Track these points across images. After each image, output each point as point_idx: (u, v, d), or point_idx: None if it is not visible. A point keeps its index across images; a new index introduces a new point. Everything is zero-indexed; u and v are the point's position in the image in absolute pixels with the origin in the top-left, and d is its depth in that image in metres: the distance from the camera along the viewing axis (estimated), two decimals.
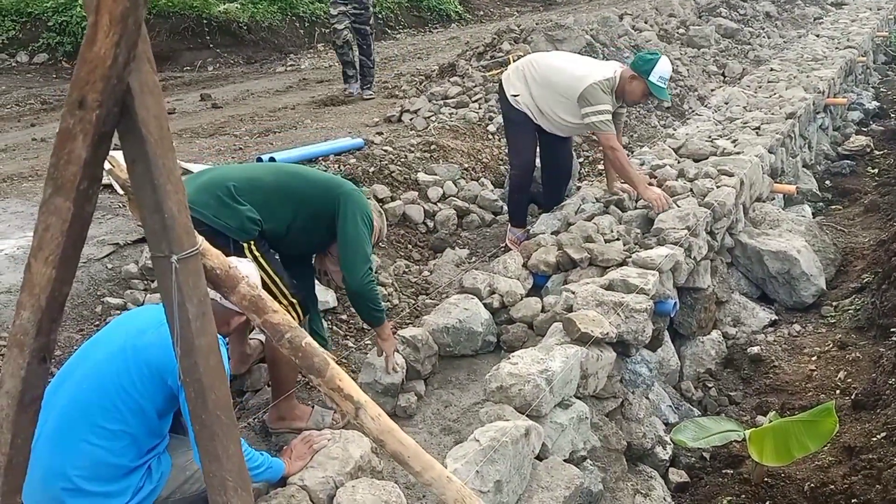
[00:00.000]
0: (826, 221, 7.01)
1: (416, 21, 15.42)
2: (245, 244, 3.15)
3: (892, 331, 4.71)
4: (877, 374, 4.39)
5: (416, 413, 3.69)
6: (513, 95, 5.09)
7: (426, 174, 6.06)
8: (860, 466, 3.65)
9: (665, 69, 4.87)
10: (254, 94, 9.53)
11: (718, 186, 5.31)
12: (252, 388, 3.73)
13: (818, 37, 12.14)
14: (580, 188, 5.87)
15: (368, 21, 8.56)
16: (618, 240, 4.69)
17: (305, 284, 3.69)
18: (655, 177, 5.60)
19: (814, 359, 4.87)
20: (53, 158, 1.37)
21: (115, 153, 1.65)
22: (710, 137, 6.76)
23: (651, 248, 4.49)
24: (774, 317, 5.49)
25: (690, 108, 8.65)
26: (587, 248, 4.52)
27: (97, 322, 3.81)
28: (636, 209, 5.16)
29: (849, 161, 8.95)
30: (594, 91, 4.80)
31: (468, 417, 3.61)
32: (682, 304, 4.83)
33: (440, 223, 5.71)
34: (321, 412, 3.47)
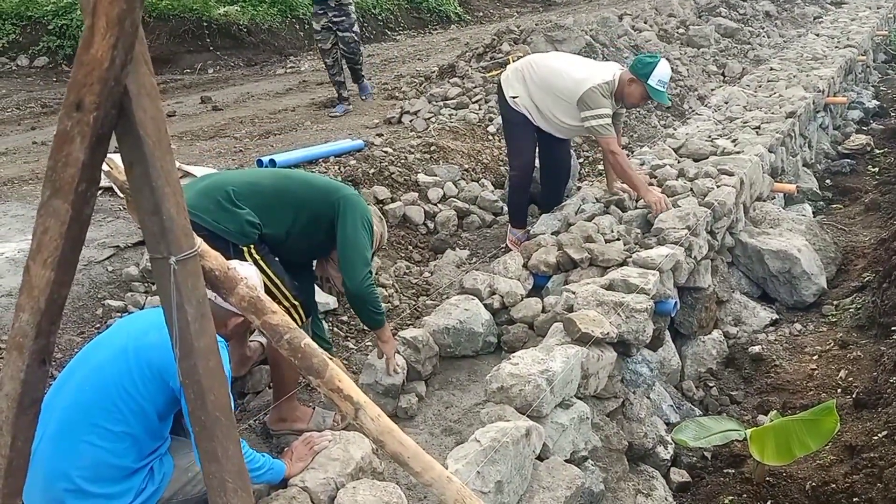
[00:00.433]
0: (826, 220, 7.01)
1: (416, 22, 15.43)
2: (245, 248, 3.16)
3: (894, 329, 4.71)
4: (878, 373, 4.39)
5: (417, 414, 3.69)
6: (512, 97, 5.09)
7: (426, 175, 6.06)
8: (861, 465, 3.64)
9: (664, 72, 4.86)
10: (254, 97, 9.54)
11: (719, 186, 5.31)
12: (253, 390, 3.73)
13: (818, 36, 12.13)
14: (580, 188, 5.87)
15: (352, 27, 7.91)
16: (618, 240, 4.69)
17: (305, 290, 3.69)
18: (655, 177, 5.60)
19: (815, 358, 4.86)
20: (51, 161, 1.37)
21: (114, 156, 1.66)
22: (710, 137, 6.76)
23: (651, 248, 4.48)
24: (775, 316, 5.48)
25: (690, 108, 8.65)
26: (587, 249, 4.52)
27: (98, 324, 3.81)
28: (636, 209, 5.16)
29: (849, 160, 8.95)
30: (593, 95, 4.80)
31: (469, 418, 3.61)
32: (683, 304, 4.82)
33: (440, 224, 5.72)
34: (322, 413, 3.47)
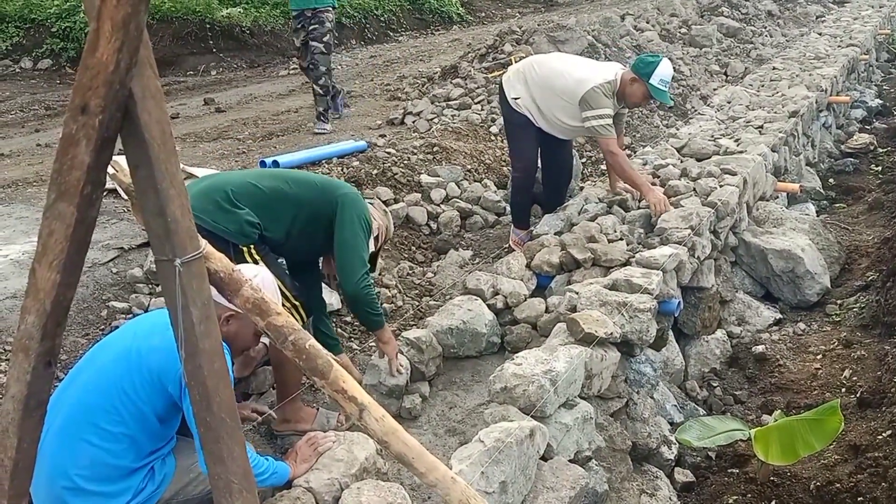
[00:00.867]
0: (830, 219, 7.00)
1: (418, 23, 15.44)
2: (245, 248, 3.17)
3: None
4: (882, 372, 4.38)
5: (421, 414, 3.70)
6: (513, 98, 5.09)
7: (429, 176, 6.07)
8: (866, 465, 3.64)
9: (666, 72, 4.85)
10: (257, 98, 9.56)
11: (722, 185, 5.31)
12: (257, 391, 3.74)
13: (820, 35, 12.13)
14: (583, 188, 5.86)
15: (322, 38, 7.36)
16: (621, 240, 4.69)
17: (313, 288, 3.70)
18: (658, 176, 5.60)
19: (819, 357, 4.85)
20: (57, 164, 1.38)
21: (119, 158, 1.67)
22: (713, 137, 6.75)
23: (654, 248, 4.48)
24: (779, 315, 5.48)
25: (693, 108, 8.65)
26: (590, 249, 4.52)
27: (103, 326, 3.82)
28: (639, 209, 5.15)
29: (852, 159, 8.94)
30: (595, 95, 4.80)
31: (473, 418, 3.61)
32: (686, 304, 4.82)
33: (443, 225, 5.72)
34: (326, 414, 3.47)
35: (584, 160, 7.11)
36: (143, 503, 2.50)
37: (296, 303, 3.28)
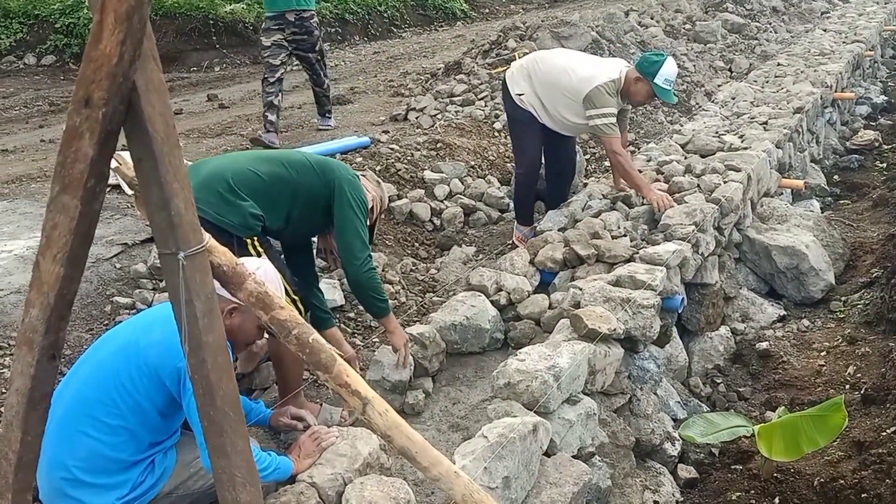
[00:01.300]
0: (834, 216, 6.98)
1: (422, 19, 15.41)
2: (248, 240, 3.18)
3: None
4: (886, 369, 4.38)
5: (424, 410, 3.70)
6: (517, 94, 5.08)
7: (432, 172, 6.06)
8: (870, 461, 3.64)
9: (671, 71, 4.84)
10: (260, 94, 9.52)
11: (726, 182, 5.29)
12: (260, 387, 3.74)
13: (825, 31, 12.07)
14: (586, 185, 5.85)
15: (314, 47, 6.91)
16: (625, 236, 4.68)
17: (308, 265, 3.74)
18: (662, 173, 5.59)
19: (823, 354, 4.85)
20: (60, 157, 1.38)
21: (122, 153, 1.66)
22: (717, 133, 6.74)
23: (658, 244, 4.48)
24: (783, 312, 5.47)
25: (697, 104, 8.63)
26: (594, 245, 4.51)
27: (106, 321, 3.83)
28: (643, 205, 5.15)
29: (857, 156, 8.91)
30: (599, 94, 4.78)
31: (476, 414, 3.61)
32: (690, 300, 4.81)
33: (447, 221, 5.72)
34: (329, 409, 3.48)
35: (588, 156, 7.09)
36: (142, 496, 2.51)
37: (295, 297, 3.29)
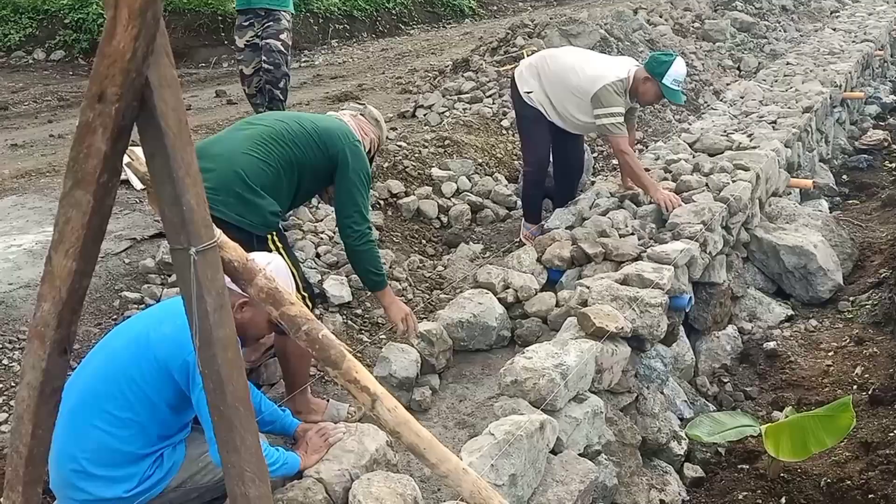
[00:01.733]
0: (843, 216, 6.95)
1: (430, 16, 15.40)
2: (268, 236, 3.22)
3: None
4: (894, 370, 4.36)
5: (431, 407, 3.70)
6: (526, 92, 5.08)
7: (440, 169, 6.06)
8: (877, 462, 3.62)
9: (679, 72, 4.82)
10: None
11: (734, 181, 5.28)
12: (268, 383, 3.75)
13: (835, 30, 12.02)
14: (594, 183, 5.85)
15: (278, 34, 6.11)
16: (632, 234, 4.67)
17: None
18: (670, 171, 5.58)
19: (830, 354, 4.83)
20: (73, 152, 1.38)
21: (134, 148, 1.67)
22: (726, 132, 6.71)
23: (666, 243, 4.47)
24: (790, 312, 5.45)
25: (706, 103, 8.60)
26: (602, 243, 4.50)
27: (115, 316, 3.84)
28: (651, 204, 5.14)
29: (866, 155, 8.87)
30: (606, 93, 4.78)
31: (483, 411, 3.61)
32: (698, 299, 4.80)
33: (454, 218, 5.72)
34: (336, 406, 3.49)
35: (596, 155, 7.08)
36: (150, 489, 2.52)
37: (303, 294, 3.30)
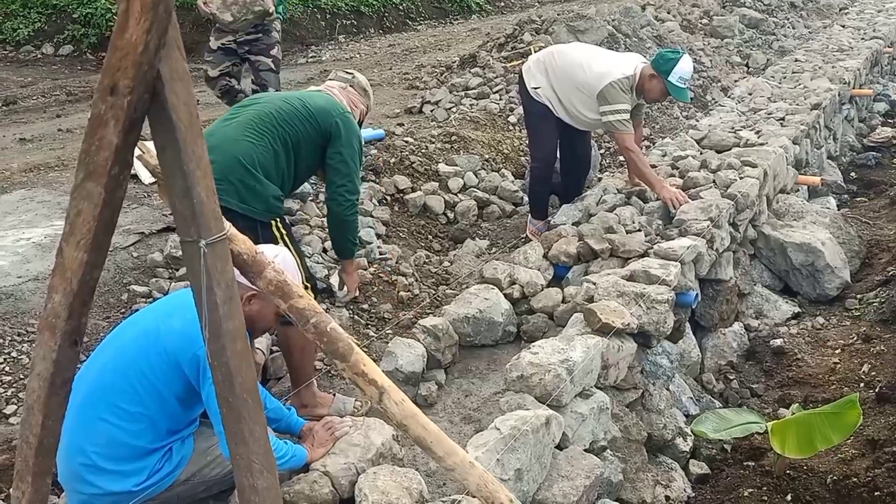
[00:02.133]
0: (851, 213, 6.92)
1: (437, 12, 15.38)
2: (272, 221, 3.26)
3: None
4: None
5: (437, 402, 3.71)
6: (534, 88, 5.07)
7: (447, 165, 6.06)
8: (884, 459, 3.62)
9: (686, 69, 4.80)
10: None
11: (742, 178, 5.27)
12: (275, 376, 3.77)
13: (844, 27, 11.95)
14: (601, 179, 5.84)
15: (269, 50, 5.58)
16: (639, 231, 4.67)
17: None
18: (678, 168, 5.56)
19: (837, 352, 4.82)
20: (85, 144, 1.39)
21: (146, 142, 1.68)
22: (734, 128, 6.69)
23: (673, 240, 4.47)
24: (797, 309, 5.44)
25: (713, 99, 8.57)
26: (608, 239, 4.50)
27: (123, 309, 3.86)
28: (658, 200, 5.13)
29: (874, 153, 8.83)
30: (612, 90, 4.77)
31: (489, 406, 3.62)
32: (704, 296, 4.80)
33: (461, 214, 5.72)
34: (342, 400, 3.50)
35: (603, 151, 7.07)
36: (159, 483, 2.53)
37: (306, 284, 3.34)
